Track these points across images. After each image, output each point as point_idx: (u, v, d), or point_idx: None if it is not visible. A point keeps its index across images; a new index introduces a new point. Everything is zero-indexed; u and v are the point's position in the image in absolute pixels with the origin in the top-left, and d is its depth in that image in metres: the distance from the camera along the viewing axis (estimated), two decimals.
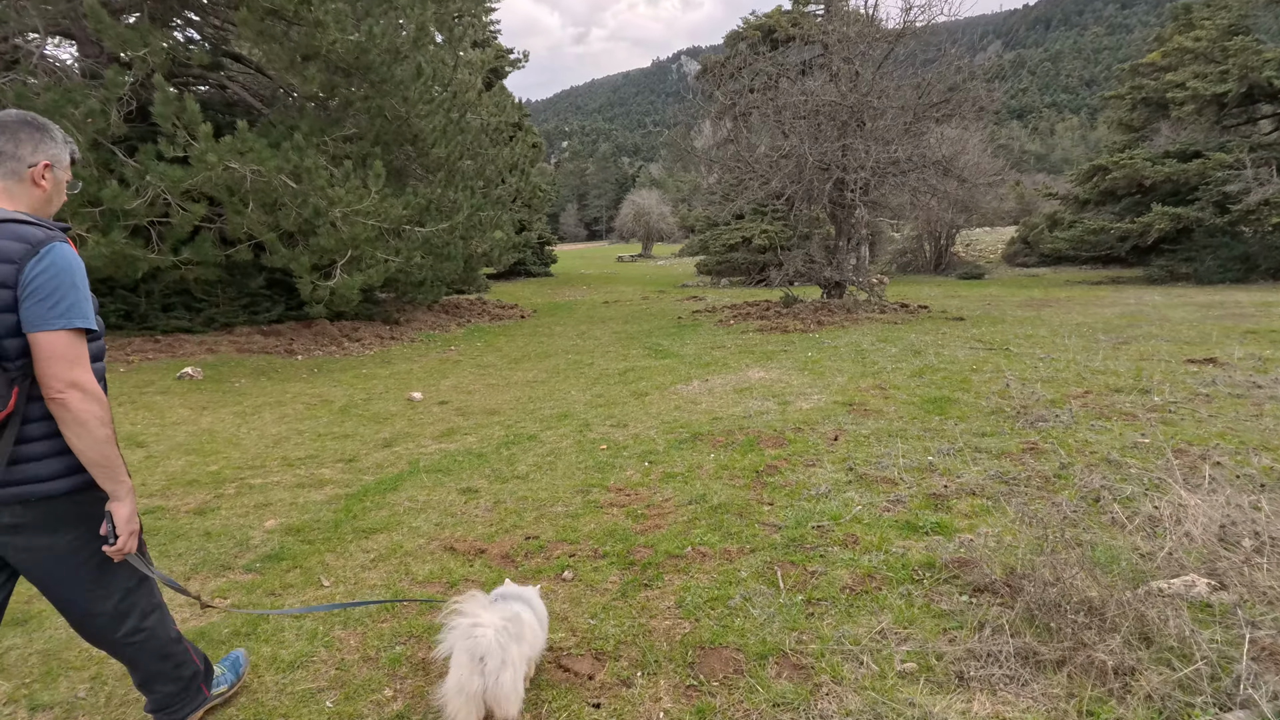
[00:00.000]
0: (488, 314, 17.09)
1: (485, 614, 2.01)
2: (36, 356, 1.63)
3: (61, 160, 1.83)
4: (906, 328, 10.78)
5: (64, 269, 1.65)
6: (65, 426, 1.67)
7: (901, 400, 5.95)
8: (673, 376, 7.76)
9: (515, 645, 2.01)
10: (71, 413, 1.65)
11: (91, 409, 1.67)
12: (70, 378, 1.64)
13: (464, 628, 1.97)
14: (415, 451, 5.27)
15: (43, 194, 1.78)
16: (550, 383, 7.93)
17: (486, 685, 1.91)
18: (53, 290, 1.62)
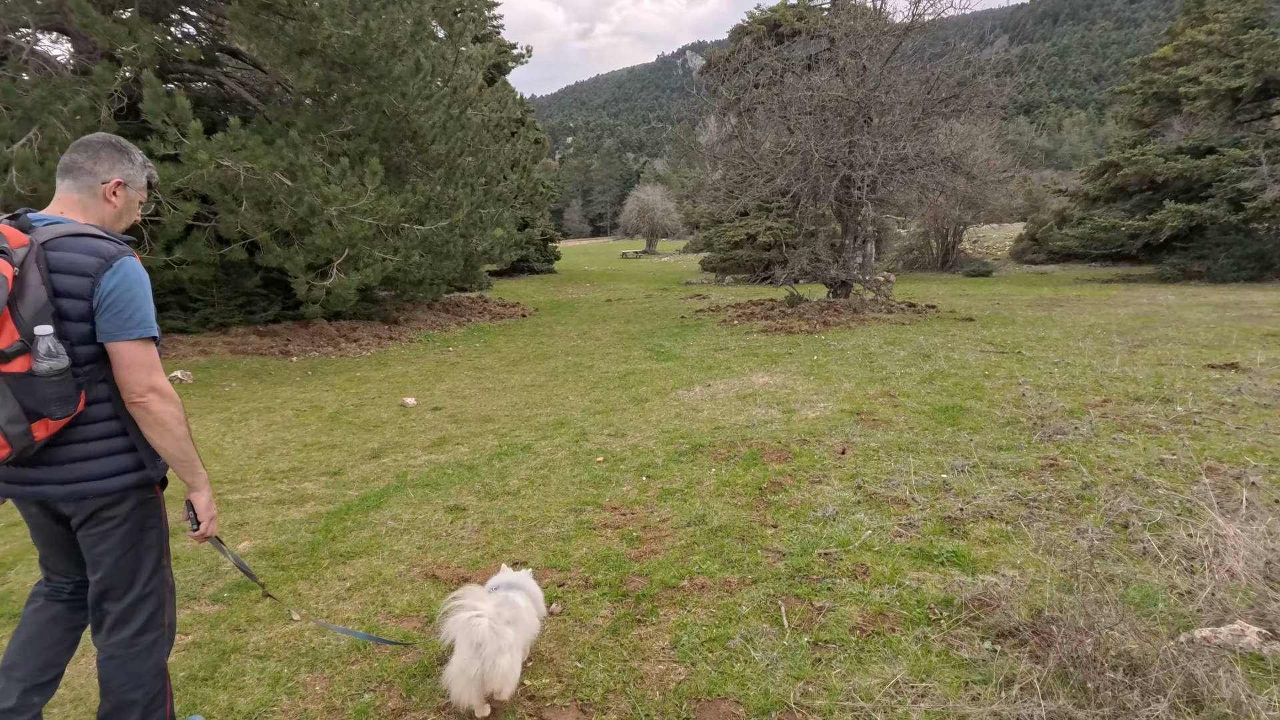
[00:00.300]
0: (488, 313, 16.88)
1: (483, 604, 2.19)
2: (116, 365, 1.76)
3: (136, 181, 1.93)
4: (915, 329, 10.51)
5: (135, 282, 1.77)
6: (147, 427, 1.81)
7: (912, 409, 5.71)
8: (674, 381, 7.53)
9: (511, 631, 2.18)
10: (152, 414, 1.79)
11: (169, 409, 1.82)
12: (149, 382, 1.77)
13: (464, 617, 2.14)
14: (403, 463, 5.05)
15: (113, 210, 1.89)
16: (548, 387, 7.71)
17: (484, 669, 2.08)
18: (127, 303, 1.74)
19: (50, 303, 1.67)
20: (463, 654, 2.11)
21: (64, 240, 1.73)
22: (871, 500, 3.79)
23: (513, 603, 2.31)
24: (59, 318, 1.70)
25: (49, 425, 1.70)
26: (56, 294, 1.69)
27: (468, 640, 2.10)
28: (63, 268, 1.70)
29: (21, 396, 1.64)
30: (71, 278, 1.70)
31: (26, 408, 1.65)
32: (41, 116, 8.52)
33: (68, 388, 1.70)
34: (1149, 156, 19.41)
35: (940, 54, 12.81)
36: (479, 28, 19.74)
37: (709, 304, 16.37)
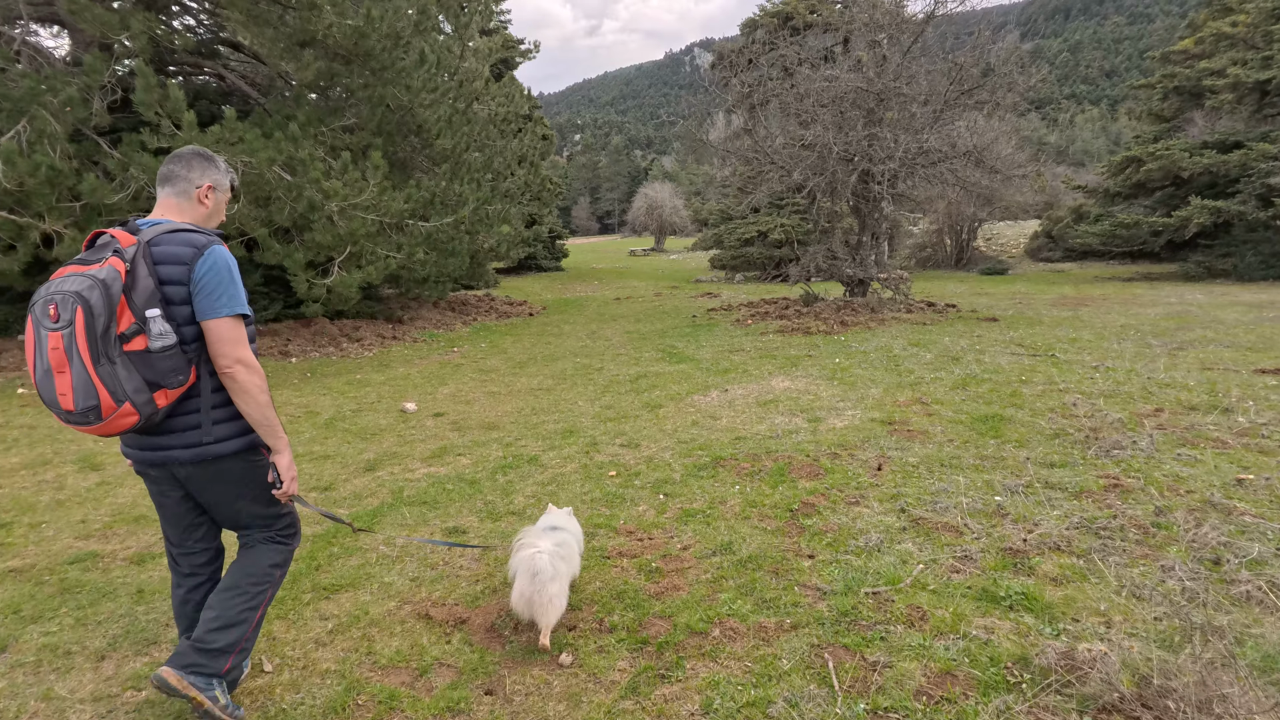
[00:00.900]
0: (495, 311, 16.52)
1: (542, 541, 2.68)
2: (209, 339, 2.00)
3: (222, 185, 2.22)
4: (937, 329, 10.07)
5: (223, 266, 2.02)
6: (234, 395, 2.07)
7: (948, 418, 5.29)
8: (689, 385, 7.13)
9: (564, 565, 2.66)
10: (238, 383, 2.04)
11: (254, 379, 2.07)
12: (236, 355, 2.02)
13: (527, 553, 2.61)
14: (400, 478, 4.68)
15: (205, 210, 2.17)
16: (556, 391, 7.33)
17: (538, 593, 2.53)
18: (216, 285, 1.99)
19: (157, 289, 1.93)
20: (523, 581, 2.57)
21: (164, 236, 2.00)
22: (918, 526, 3.39)
23: (567, 543, 2.80)
24: (165, 302, 1.96)
25: (168, 394, 1.97)
26: (161, 282, 1.95)
27: (528, 570, 2.56)
28: (164, 259, 1.97)
29: (143, 370, 1.91)
30: (172, 267, 1.97)
31: (148, 380, 1.92)
32: (30, 108, 8.19)
33: (179, 361, 1.97)
34: (1174, 151, 18.84)
35: (962, 45, 12.33)
36: (485, 20, 19.35)
37: (721, 302, 15.95)
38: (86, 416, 1.87)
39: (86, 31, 8.86)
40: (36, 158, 7.87)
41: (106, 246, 1.94)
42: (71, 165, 8.46)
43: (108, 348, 1.85)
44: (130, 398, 1.88)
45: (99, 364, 1.84)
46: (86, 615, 2.91)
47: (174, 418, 2.05)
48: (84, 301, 1.81)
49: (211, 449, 2.09)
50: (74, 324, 1.81)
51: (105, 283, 1.84)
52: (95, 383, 1.84)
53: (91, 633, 2.78)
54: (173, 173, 2.13)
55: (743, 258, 25.54)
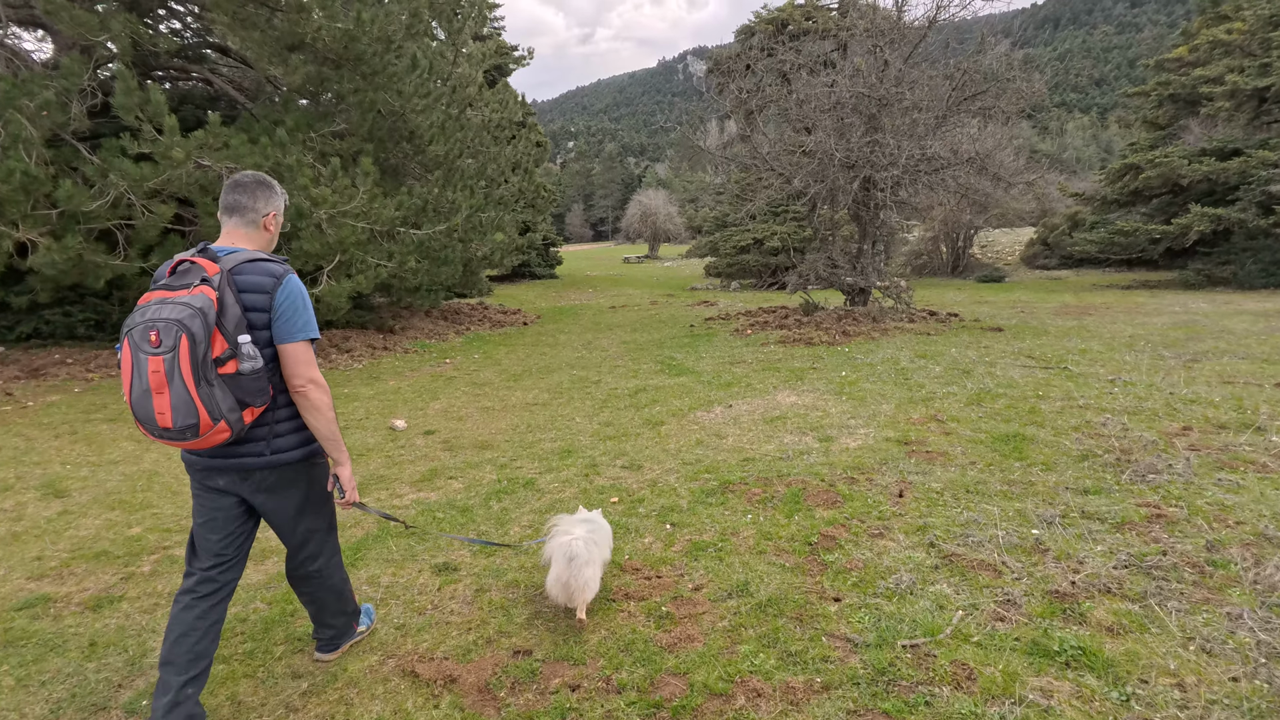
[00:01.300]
0: (489, 320, 16.23)
1: (576, 529, 2.84)
2: (284, 361, 2.20)
3: (280, 209, 2.35)
4: (943, 340, 9.83)
5: (298, 294, 2.22)
6: (305, 411, 2.26)
7: (966, 437, 5.02)
8: (690, 400, 6.85)
9: (597, 550, 2.82)
10: (310, 401, 2.24)
11: (324, 397, 2.26)
12: (309, 375, 2.22)
13: (563, 539, 2.77)
14: (387, 504, 4.37)
15: (269, 236, 2.34)
16: (552, 406, 7.03)
17: (574, 576, 2.69)
18: (293, 312, 2.19)
19: (243, 316, 2.08)
20: (559, 565, 2.73)
21: (244, 265, 2.13)
22: (951, 564, 3.11)
23: (600, 530, 2.98)
24: (250, 328, 2.11)
25: (253, 411, 2.14)
26: (245, 309, 2.10)
27: (564, 555, 2.72)
28: (248, 288, 2.12)
29: (235, 391, 2.06)
30: (255, 295, 2.13)
31: (239, 399, 2.07)
32: (4, 112, 7.87)
33: (263, 382, 2.13)
34: (1173, 158, 18.74)
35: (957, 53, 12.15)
36: (479, 25, 19.12)
37: (718, 311, 15.69)
38: (184, 434, 2.03)
39: (65, 34, 8.55)
40: (10, 163, 7.55)
41: (191, 273, 2.07)
42: (48, 171, 8.14)
43: (206, 371, 2.00)
44: (225, 416, 2.05)
45: (200, 386, 1.99)
46: (30, 674, 2.59)
47: (252, 428, 2.23)
48: (187, 330, 1.96)
49: (280, 457, 2.28)
50: (177, 349, 1.96)
51: (203, 311, 1.99)
52: (196, 403, 1.99)
53: (33, 696, 2.47)
54: (239, 203, 2.27)
55: (739, 265, 25.35)
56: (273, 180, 2.37)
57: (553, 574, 2.76)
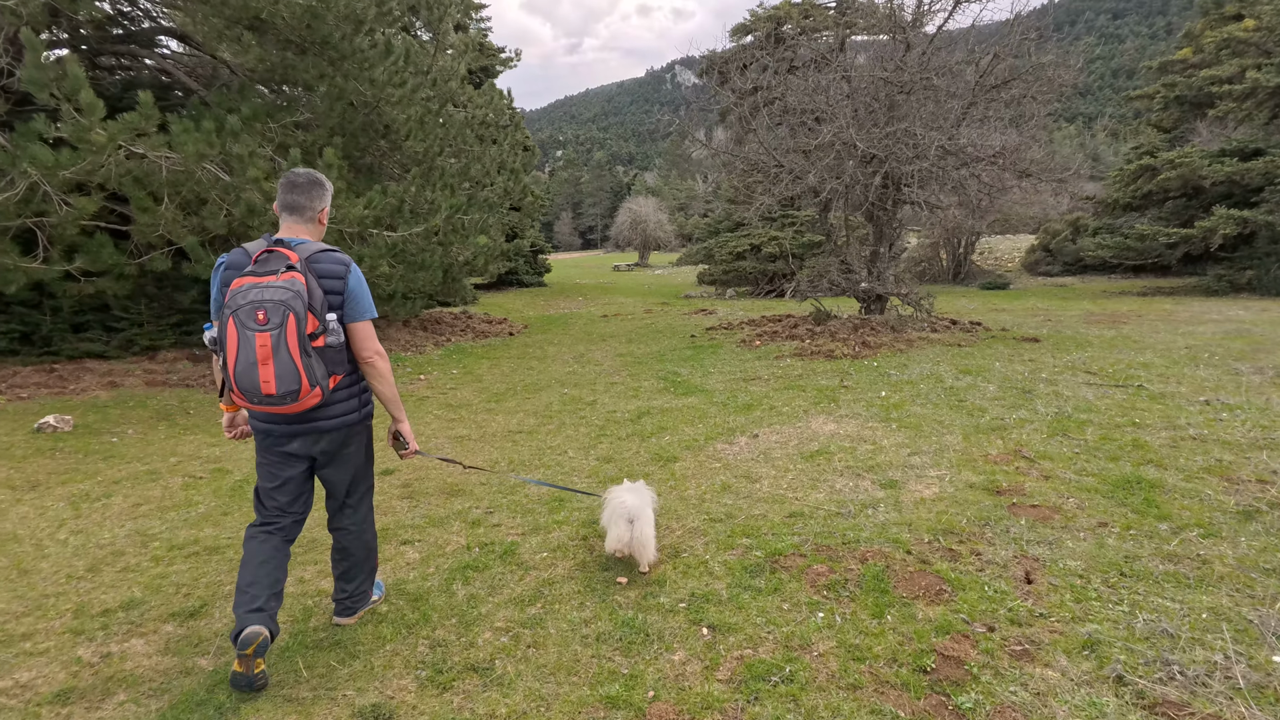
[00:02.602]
0: (471, 330, 15.03)
1: (629, 495, 3.21)
2: (354, 337, 2.55)
3: (329, 202, 2.64)
4: (978, 352, 8.76)
5: (362, 279, 2.59)
6: (372, 379, 2.64)
7: (1071, 483, 3.91)
8: (706, 427, 5.71)
9: (650, 512, 3.17)
10: (377, 370, 2.61)
11: (386, 366, 2.64)
12: (375, 348, 2.59)
13: (616, 503, 3.17)
14: (311, 590, 3.19)
15: (322, 229, 2.65)
16: (540, 434, 5.87)
17: (635, 534, 3.05)
18: (361, 294, 2.56)
19: (324, 298, 2.42)
20: (619, 526, 3.07)
21: (317, 255, 2.47)
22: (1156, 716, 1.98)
23: (649, 493, 3.32)
24: (329, 308, 2.45)
25: (335, 379, 2.50)
26: (325, 292, 2.43)
27: (623, 516, 3.07)
28: (325, 274, 2.45)
29: (325, 361, 2.43)
30: (331, 280, 2.46)
31: (328, 369, 2.45)
32: None
33: (343, 354, 2.53)
34: (1193, 159, 17.89)
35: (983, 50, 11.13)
36: (462, 13, 17.99)
37: (719, 320, 14.58)
38: (285, 399, 2.31)
39: None
40: None
41: (274, 260, 2.33)
42: None
43: (306, 345, 2.31)
44: (320, 382, 2.37)
45: (303, 357, 2.30)
46: None
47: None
48: (292, 309, 2.27)
49: (347, 418, 2.61)
50: (284, 326, 2.26)
51: (300, 294, 2.29)
52: (300, 372, 2.30)
53: None
54: (297, 203, 2.54)
55: (735, 272, 24.29)
56: (322, 177, 2.59)
57: (614, 535, 3.07)
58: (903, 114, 9.99)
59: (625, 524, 3.03)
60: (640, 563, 3.14)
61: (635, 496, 3.19)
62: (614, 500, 3.20)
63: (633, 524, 3.03)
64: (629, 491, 3.26)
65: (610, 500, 3.24)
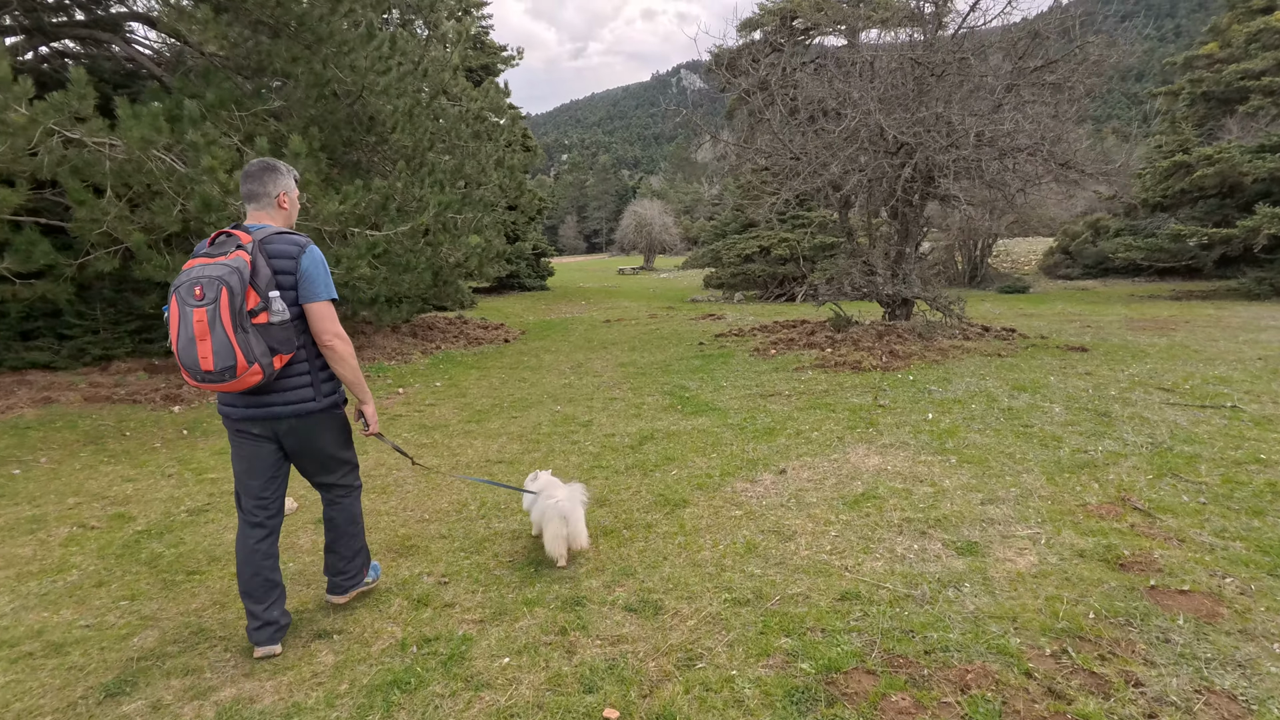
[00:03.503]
0: (465, 337, 14.11)
1: (559, 491, 3.33)
2: (311, 318, 2.54)
3: (291, 188, 2.69)
4: (1024, 363, 7.76)
5: (319, 261, 2.56)
6: (332, 362, 2.63)
7: (1218, 551, 2.92)
8: (721, 457, 4.74)
9: (579, 508, 3.29)
10: (337, 353, 2.60)
11: (348, 349, 2.63)
12: (334, 330, 2.58)
13: (550, 502, 3.26)
14: (192, 689, 2.23)
15: (286, 213, 2.68)
16: (522, 464, 4.91)
17: (571, 530, 3.20)
18: (315, 275, 2.52)
19: (273, 277, 2.43)
20: (554, 524, 3.19)
21: (272, 236, 2.49)
22: None
23: (579, 488, 3.42)
24: (279, 287, 2.45)
25: (281, 358, 2.47)
26: (275, 272, 2.44)
27: (557, 514, 3.19)
28: (276, 254, 2.47)
29: (266, 338, 2.41)
30: (282, 260, 2.47)
31: (270, 346, 2.42)
32: None
33: (289, 333, 2.48)
34: (1232, 155, 16.85)
35: None
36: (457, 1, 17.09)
37: (728, 326, 13.61)
38: (223, 375, 2.33)
39: None
40: None
41: (229, 242, 2.40)
42: None
43: (242, 320, 2.32)
44: (258, 359, 2.37)
45: (237, 332, 2.31)
46: None
47: (280, 380, 2.52)
48: (226, 284, 2.29)
49: (305, 405, 2.58)
50: (218, 301, 2.28)
51: (239, 270, 2.32)
52: (235, 347, 2.31)
53: None
54: (254, 192, 2.60)
55: (743, 275, 23.29)
56: (278, 163, 2.62)
57: (551, 534, 3.19)
58: (934, 98, 9.01)
59: (560, 522, 3.17)
60: (576, 550, 3.29)
61: (565, 491, 3.33)
62: (543, 496, 3.35)
63: (566, 520, 3.18)
64: (558, 485, 3.42)
65: (542, 497, 3.36)
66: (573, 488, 3.39)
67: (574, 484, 3.45)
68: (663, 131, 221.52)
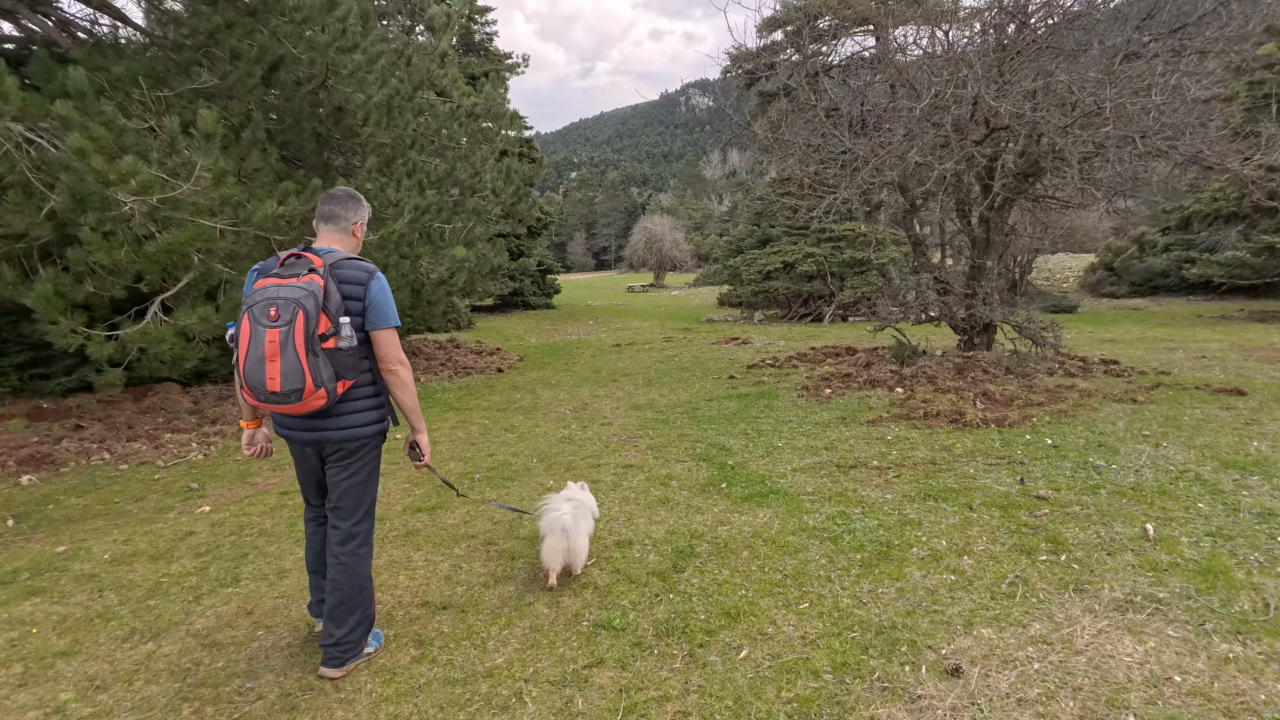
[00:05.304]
0: (453, 366, 12.12)
1: (564, 505, 3.23)
2: (377, 345, 2.55)
3: (365, 218, 2.73)
4: (1182, 414, 5.69)
5: (387, 288, 2.55)
6: (395, 388, 2.62)
7: None
8: (823, 618, 2.69)
9: (584, 523, 3.26)
10: (400, 378, 2.60)
11: (410, 376, 2.63)
12: (399, 357, 2.60)
13: (554, 514, 3.17)
14: None
15: (357, 242, 2.70)
16: (483, 608, 2.89)
17: (570, 545, 3.12)
18: (384, 303, 2.52)
19: (342, 302, 2.42)
20: (554, 536, 3.11)
21: (342, 262, 2.49)
22: None
23: (585, 505, 3.39)
24: (347, 313, 2.44)
25: (345, 384, 2.46)
26: (344, 297, 2.44)
27: (558, 528, 3.12)
28: (346, 280, 2.46)
29: (333, 364, 2.40)
30: (352, 286, 2.47)
31: (336, 371, 2.41)
32: None
33: (355, 359, 2.48)
34: None
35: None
36: None
37: (759, 353, 11.58)
38: (289, 397, 2.31)
39: None
40: None
41: (299, 264, 2.38)
42: None
43: (314, 344, 2.32)
44: (325, 384, 2.36)
45: (309, 356, 2.30)
46: None
47: (338, 404, 2.50)
48: (303, 307, 2.29)
49: (356, 431, 2.56)
50: (293, 323, 2.28)
51: (314, 294, 2.32)
52: (305, 370, 2.30)
53: None
54: (333, 213, 2.63)
55: (765, 293, 21.28)
56: (361, 195, 2.71)
57: (549, 545, 3.12)
58: (1028, 69, 7.02)
59: (560, 535, 3.11)
60: (573, 569, 3.20)
61: (570, 505, 3.24)
62: (549, 508, 3.27)
63: (565, 533, 3.11)
64: (564, 500, 3.32)
65: (545, 508, 3.30)
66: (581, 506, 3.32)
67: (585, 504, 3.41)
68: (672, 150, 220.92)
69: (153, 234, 6.19)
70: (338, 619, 2.60)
